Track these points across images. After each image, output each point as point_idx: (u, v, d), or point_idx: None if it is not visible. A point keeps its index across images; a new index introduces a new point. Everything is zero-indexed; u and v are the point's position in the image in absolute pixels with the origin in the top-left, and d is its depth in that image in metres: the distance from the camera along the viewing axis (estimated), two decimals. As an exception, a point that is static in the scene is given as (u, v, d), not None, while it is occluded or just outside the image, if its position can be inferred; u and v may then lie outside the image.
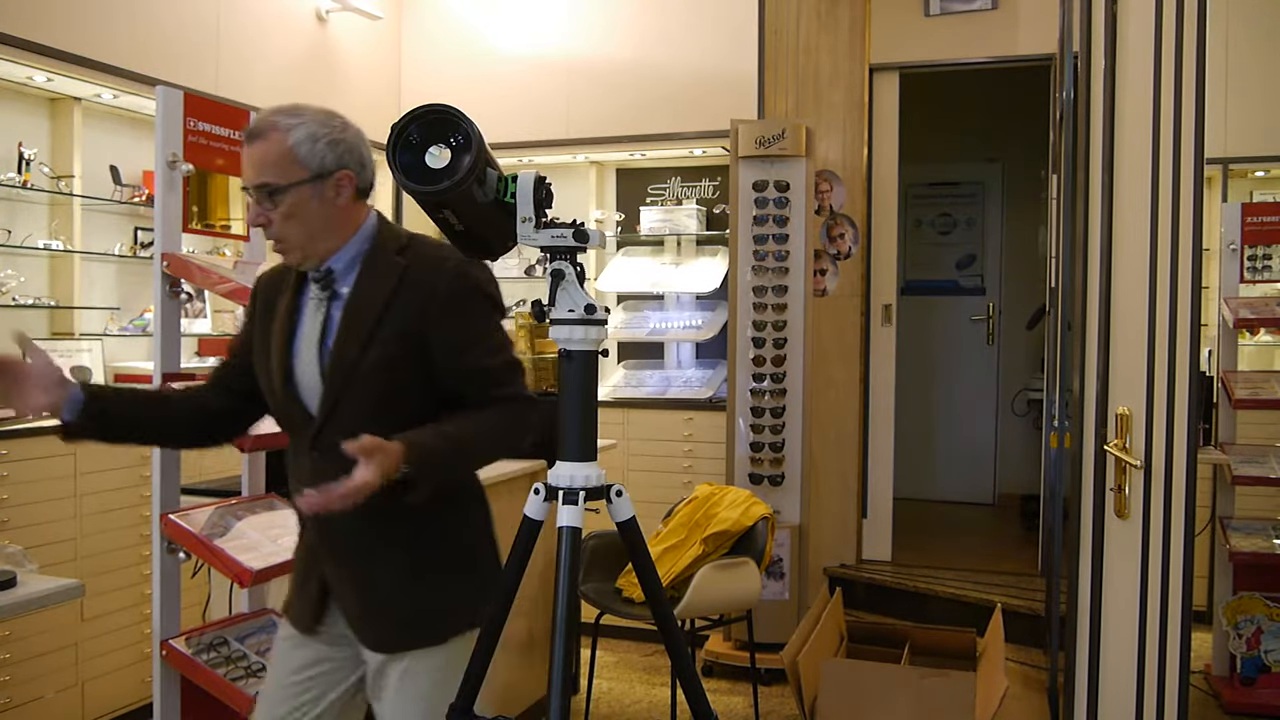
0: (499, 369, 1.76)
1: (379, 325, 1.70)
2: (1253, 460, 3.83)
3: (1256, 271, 4.05)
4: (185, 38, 3.99)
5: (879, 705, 3.01)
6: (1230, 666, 3.81)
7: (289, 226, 1.70)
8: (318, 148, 1.68)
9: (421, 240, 1.82)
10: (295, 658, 1.85)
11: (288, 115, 1.69)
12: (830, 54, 4.62)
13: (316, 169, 1.68)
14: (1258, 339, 4.68)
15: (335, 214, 1.72)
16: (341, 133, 1.72)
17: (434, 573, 1.79)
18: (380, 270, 1.74)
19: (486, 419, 1.72)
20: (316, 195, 1.69)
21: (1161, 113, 1.80)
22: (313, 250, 1.73)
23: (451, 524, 1.82)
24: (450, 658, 1.80)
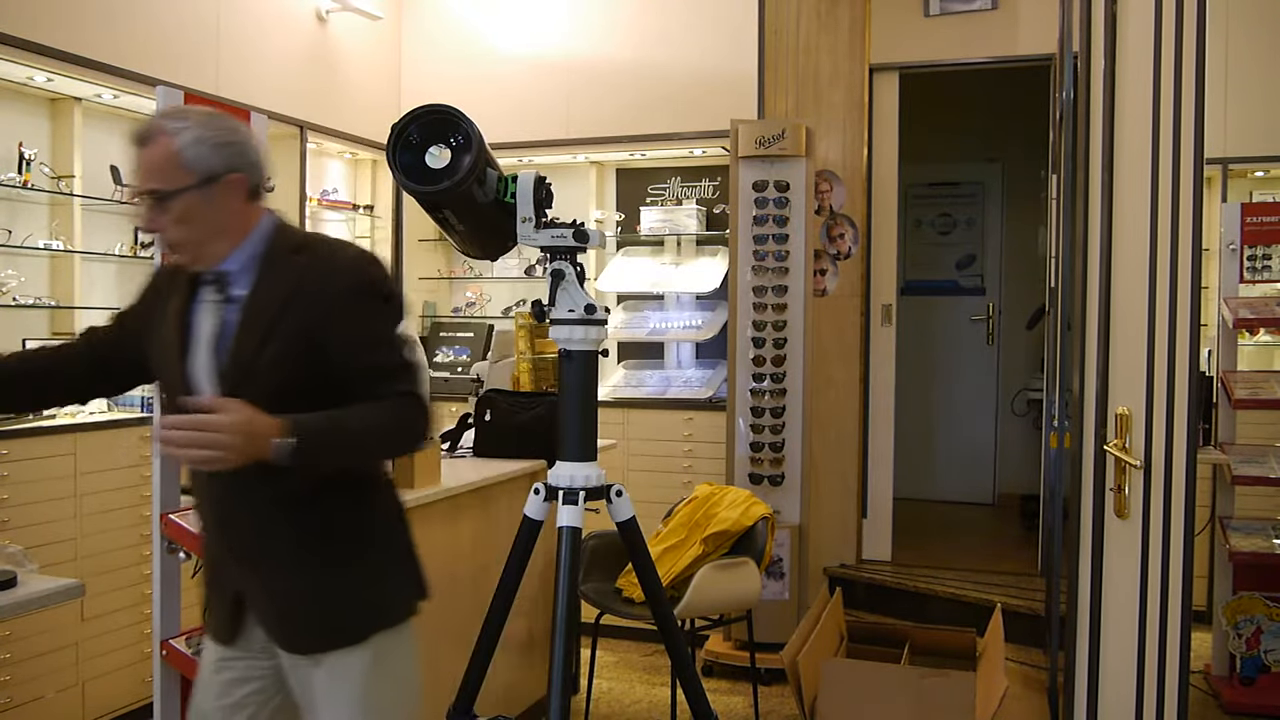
0: (393, 368, 1.73)
1: (275, 325, 1.68)
2: (1252, 460, 3.83)
3: (1256, 271, 4.05)
4: (185, 38, 3.99)
5: (879, 705, 3.01)
6: (1230, 666, 3.81)
7: (180, 231, 1.68)
8: (204, 151, 1.66)
9: (320, 240, 1.81)
10: (222, 681, 1.84)
11: (174, 119, 1.68)
12: (830, 54, 4.62)
13: (205, 173, 1.66)
14: (1257, 339, 4.68)
15: (227, 217, 1.70)
16: (230, 135, 1.70)
17: (345, 571, 1.77)
18: (277, 271, 1.71)
19: (375, 410, 1.69)
20: (206, 199, 1.67)
21: (1161, 113, 1.80)
22: (205, 253, 1.71)
23: (360, 521, 1.80)
24: (377, 655, 1.79)
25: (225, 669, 1.84)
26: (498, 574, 2.28)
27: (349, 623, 1.77)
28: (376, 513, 1.84)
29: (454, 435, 3.56)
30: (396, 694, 1.83)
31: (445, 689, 2.86)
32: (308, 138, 4.61)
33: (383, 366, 1.72)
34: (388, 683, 1.81)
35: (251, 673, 1.83)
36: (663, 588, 2.44)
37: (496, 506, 3.23)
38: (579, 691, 3.74)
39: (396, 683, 1.83)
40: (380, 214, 5.34)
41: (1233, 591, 3.78)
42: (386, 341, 1.74)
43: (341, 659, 1.76)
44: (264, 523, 1.74)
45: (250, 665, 1.82)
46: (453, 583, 3.01)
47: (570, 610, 2.11)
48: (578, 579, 2.24)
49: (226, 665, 1.84)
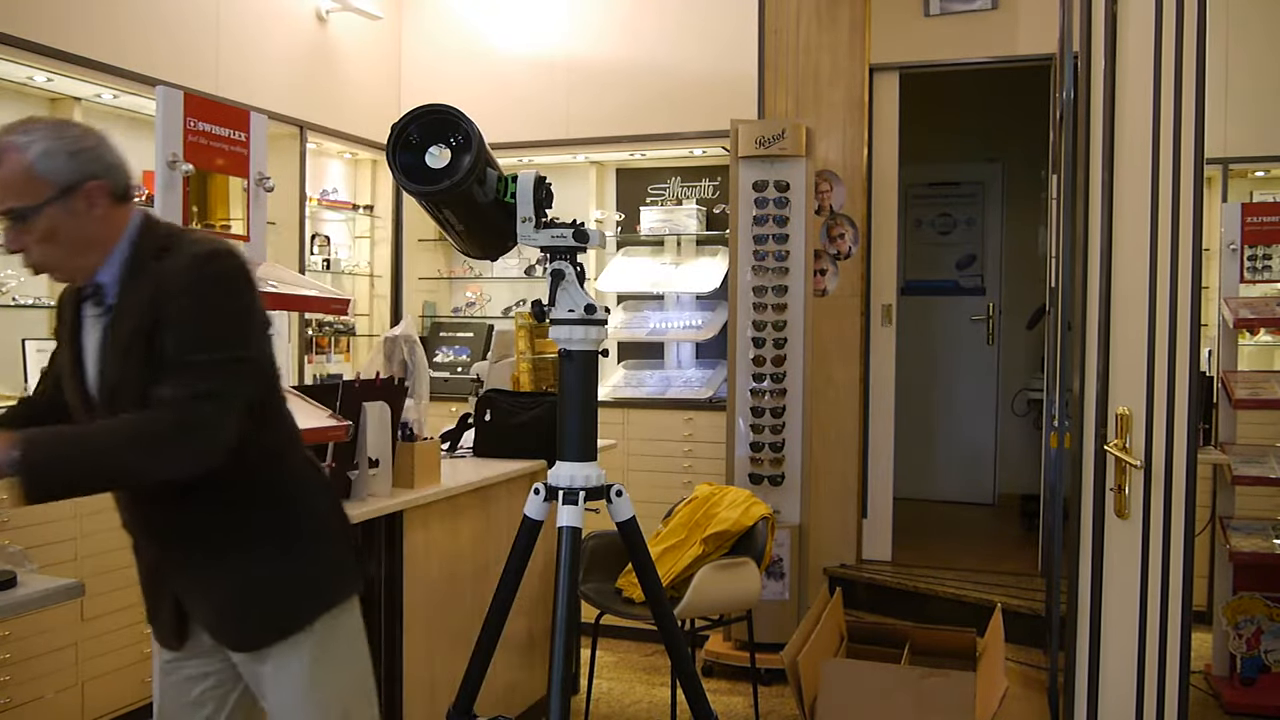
0: (175, 366, 1.60)
1: (139, 332, 1.62)
2: (1253, 460, 3.83)
3: (1256, 271, 4.05)
4: (185, 38, 3.99)
5: (879, 705, 3.01)
6: (1230, 666, 3.81)
7: (46, 250, 1.63)
8: (59, 161, 1.60)
9: (182, 238, 1.71)
10: (178, 679, 1.86)
11: (20, 134, 1.60)
12: (830, 54, 4.62)
13: (62, 183, 1.60)
14: (1258, 339, 4.68)
15: (93, 226, 1.64)
16: (81, 141, 1.64)
17: (270, 562, 1.76)
18: (139, 278, 1.65)
19: (123, 423, 1.59)
20: (68, 211, 1.61)
21: (1161, 113, 1.80)
22: (77, 267, 1.67)
23: (275, 510, 1.77)
24: (323, 639, 1.79)
25: (178, 669, 1.86)
26: (498, 574, 2.28)
27: (284, 613, 1.76)
28: (294, 499, 1.81)
29: (454, 435, 3.56)
30: (345, 675, 1.84)
31: (445, 689, 2.87)
32: (308, 137, 4.61)
33: (168, 365, 1.60)
34: (335, 666, 1.81)
35: (206, 669, 1.84)
36: (663, 588, 2.44)
37: (496, 506, 3.22)
38: (579, 691, 3.74)
39: (344, 664, 1.83)
40: (380, 214, 5.34)
41: (1233, 591, 3.78)
42: (186, 337, 1.61)
43: (285, 650, 1.76)
44: (176, 526, 1.74)
45: (203, 662, 1.84)
46: (453, 583, 3.01)
47: (570, 610, 2.12)
48: (578, 579, 2.24)
49: (178, 666, 1.86)
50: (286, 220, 4.47)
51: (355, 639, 1.88)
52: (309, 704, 1.79)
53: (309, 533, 1.82)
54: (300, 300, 2.83)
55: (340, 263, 5.12)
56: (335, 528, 1.87)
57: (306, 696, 1.79)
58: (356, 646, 1.88)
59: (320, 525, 1.84)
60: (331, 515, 1.88)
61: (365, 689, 1.90)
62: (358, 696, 1.87)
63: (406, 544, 2.76)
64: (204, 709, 1.85)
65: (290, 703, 1.79)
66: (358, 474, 2.62)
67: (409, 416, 2.85)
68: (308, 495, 1.84)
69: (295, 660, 1.77)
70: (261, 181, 2.73)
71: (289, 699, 1.79)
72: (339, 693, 1.83)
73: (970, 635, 3.58)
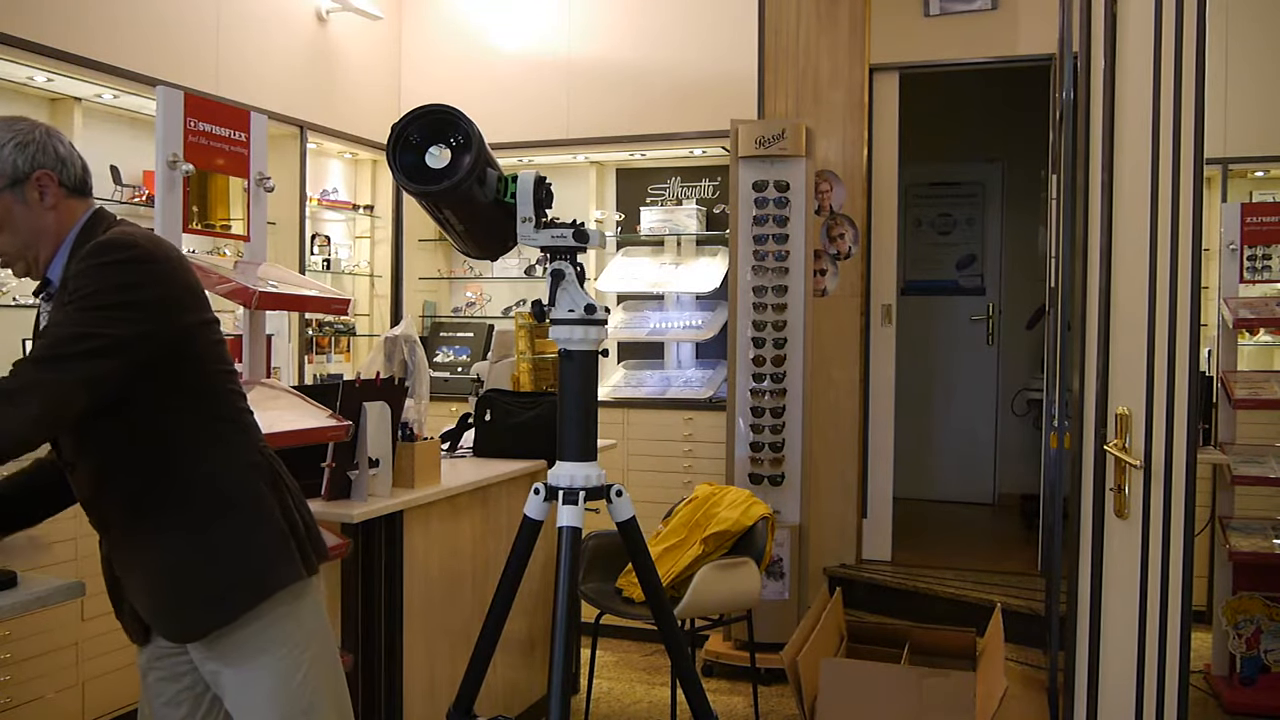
0: (46, 334, 1.61)
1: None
2: (1253, 460, 3.83)
3: (1256, 271, 4.05)
4: (185, 38, 3.99)
5: (879, 705, 3.01)
6: (1230, 666, 3.81)
7: (3, 238, 1.68)
8: (5, 153, 1.66)
9: (116, 231, 1.71)
10: (155, 680, 1.87)
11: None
12: (830, 54, 4.62)
13: (11, 175, 1.66)
14: (1257, 339, 4.68)
15: (44, 217, 1.69)
16: (28, 134, 1.69)
17: (193, 549, 1.74)
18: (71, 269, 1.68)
19: None
20: (19, 201, 1.67)
21: (1161, 113, 1.80)
22: (34, 258, 1.72)
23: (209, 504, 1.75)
24: (270, 623, 1.76)
25: (154, 670, 1.86)
26: (498, 574, 2.28)
27: (214, 599, 1.74)
28: (216, 485, 1.76)
29: (454, 435, 3.56)
30: (304, 668, 1.80)
31: (445, 689, 2.87)
32: (308, 138, 4.61)
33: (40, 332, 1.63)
34: (288, 657, 1.78)
35: (179, 669, 1.84)
36: (663, 588, 2.44)
37: (496, 506, 3.23)
38: (579, 691, 3.74)
39: (300, 655, 1.80)
40: (380, 214, 5.34)
41: (1233, 591, 3.78)
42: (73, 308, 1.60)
43: (238, 640, 1.75)
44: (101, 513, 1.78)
45: (175, 662, 1.84)
46: (453, 583, 3.02)
47: (570, 610, 2.11)
48: (578, 579, 2.24)
49: (155, 666, 1.86)
50: (286, 220, 4.47)
51: (314, 627, 1.83)
52: (270, 696, 1.76)
53: (239, 518, 1.77)
54: (300, 300, 2.84)
55: (340, 263, 5.12)
56: (261, 508, 1.80)
57: (266, 688, 1.76)
58: (317, 635, 1.84)
59: (253, 511, 1.78)
60: (254, 493, 1.80)
61: (332, 681, 1.86)
62: (323, 689, 1.82)
63: (406, 544, 2.76)
64: (180, 709, 1.86)
65: (250, 697, 1.76)
66: (358, 474, 2.62)
67: (409, 416, 2.85)
68: (240, 480, 1.79)
69: (250, 651, 1.76)
70: (261, 181, 2.73)
71: (249, 693, 1.77)
72: (303, 684, 1.79)
73: (970, 635, 3.58)
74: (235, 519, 1.77)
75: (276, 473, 1.87)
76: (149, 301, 1.66)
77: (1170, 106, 1.78)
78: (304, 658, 1.81)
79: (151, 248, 1.69)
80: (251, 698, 1.77)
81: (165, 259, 1.70)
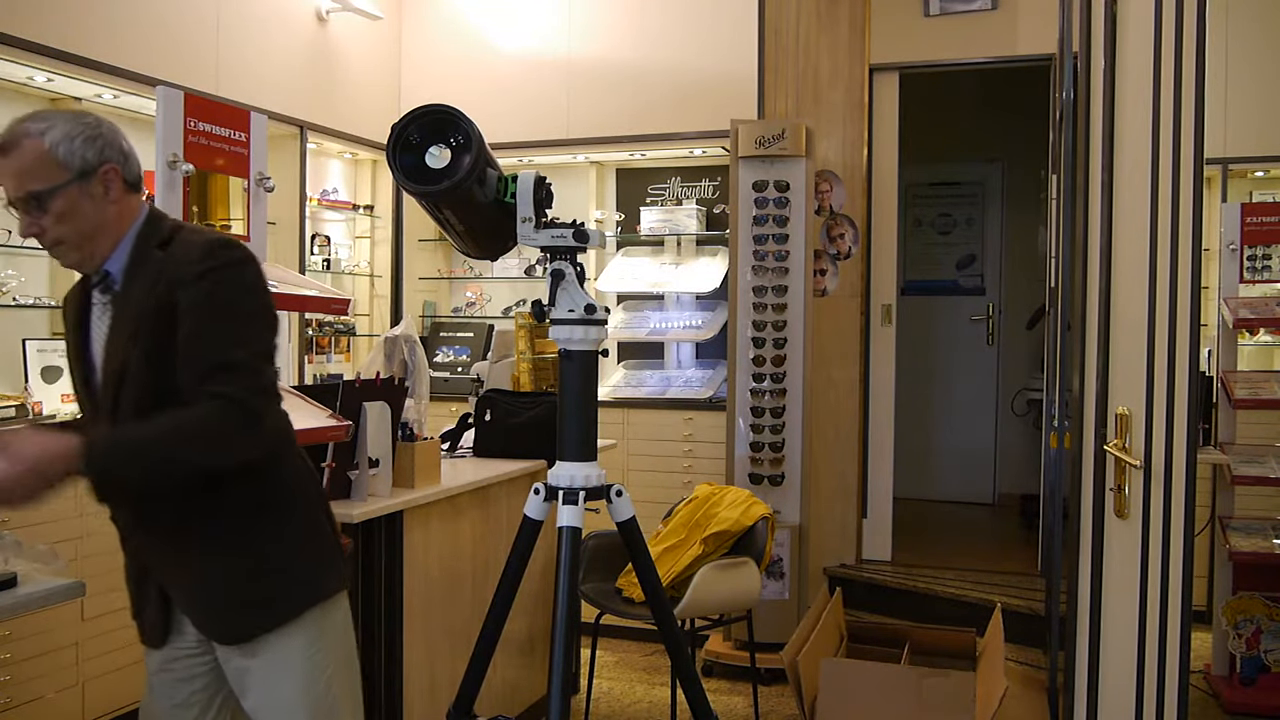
0: (216, 364, 1.64)
1: (142, 322, 1.67)
2: (1253, 460, 3.83)
3: (1256, 271, 4.05)
4: (185, 38, 3.99)
5: (879, 705, 3.01)
6: (1230, 666, 3.81)
7: (63, 228, 1.68)
8: (76, 145, 1.66)
9: (187, 229, 1.77)
10: (167, 680, 1.86)
11: (37, 121, 1.67)
12: (830, 54, 4.62)
13: (79, 167, 1.66)
14: (1257, 339, 4.68)
15: (107, 210, 1.71)
16: (96, 129, 1.70)
17: (262, 559, 1.77)
18: (144, 267, 1.71)
19: (177, 421, 1.62)
20: (85, 194, 1.68)
21: (1161, 113, 1.80)
22: (91, 251, 1.72)
23: (280, 506, 1.79)
24: (313, 632, 1.79)
25: (167, 671, 1.86)
26: (498, 574, 2.28)
27: (274, 602, 1.77)
28: (289, 490, 1.82)
29: (454, 435, 3.56)
30: (334, 672, 1.83)
31: (445, 689, 2.87)
32: (308, 138, 4.61)
33: (206, 358, 1.64)
34: (324, 662, 1.81)
35: (194, 670, 1.84)
36: (663, 588, 2.44)
37: (496, 506, 3.23)
38: (579, 691, 3.74)
39: (333, 661, 1.83)
40: (380, 214, 5.34)
41: (1233, 591, 3.78)
42: (219, 331, 1.66)
43: (275, 643, 1.77)
44: (171, 517, 1.76)
45: (190, 664, 1.84)
46: (453, 583, 3.02)
47: (570, 610, 2.11)
48: (578, 579, 2.24)
49: (168, 668, 1.86)
50: (286, 220, 4.47)
51: (344, 636, 1.88)
52: (299, 699, 1.78)
53: (302, 524, 1.82)
54: (300, 300, 2.84)
55: (340, 263, 5.12)
56: (317, 521, 1.87)
57: (296, 691, 1.78)
58: (345, 644, 1.88)
59: (312, 518, 1.85)
60: (321, 509, 1.88)
61: (352, 688, 1.89)
62: (345, 696, 1.86)
63: (406, 544, 2.76)
64: (191, 710, 1.86)
65: (278, 699, 1.78)
66: (358, 474, 2.62)
67: (409, 416, 2.85)
68: (301, 487, 1.85)
69: (286, 654, 1.77)
70: (261, 181, 2.73)
71: (277, 695, 1.78)
72: (327, 689, 1.82)
73: (970, 635, 3.58)
74: (292, 523, 1.81)
75: (318, 479, 1.92)
76: (270, 302, 1.77)
77: (1170, 106, 1.78)
78: (330, 660, 1.82)
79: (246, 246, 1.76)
80: (279, 697, 1.78)
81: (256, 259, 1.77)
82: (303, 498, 1.84)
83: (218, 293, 1.67)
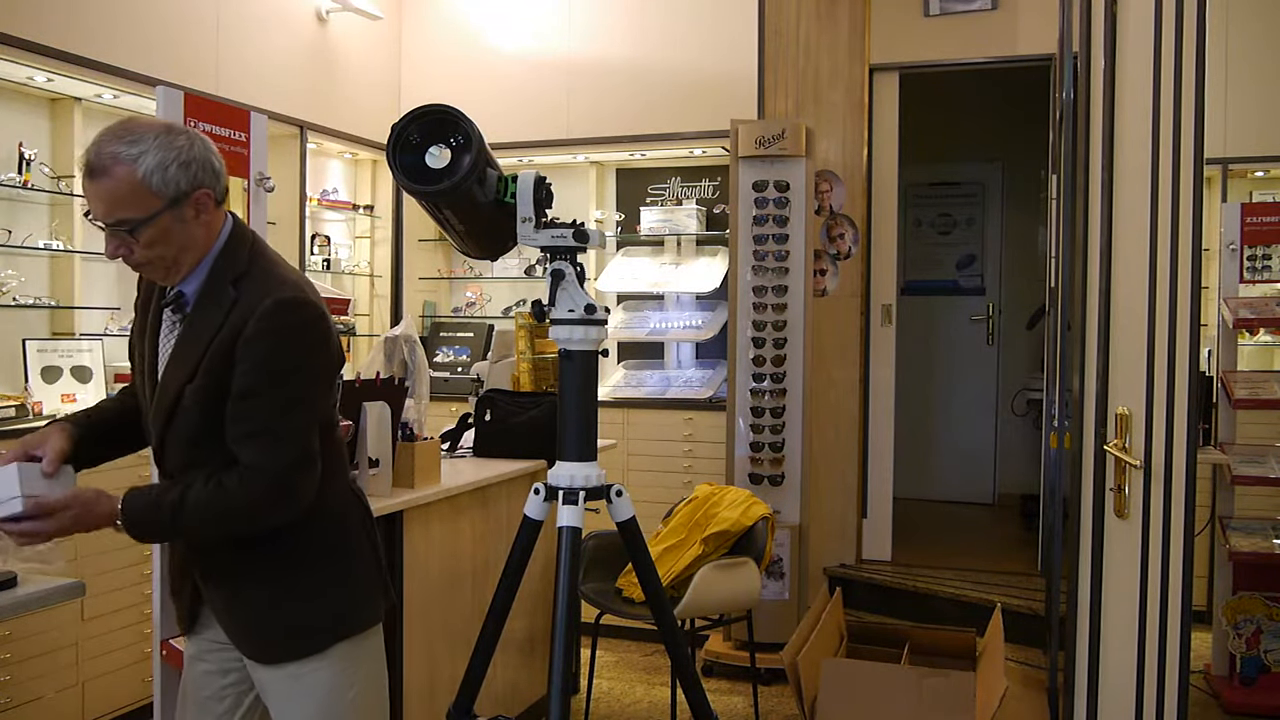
0: (253, 430, 1.64)
1: (201, 360, 1.65)
2: (1253, 460, 3.83)
3: (1256, 271, 4.05)
4: (185, 38, 3.99)
5: (879, 705, 3.01)
6: (1230, 666, 3.81)
7: (153, 252, 1.65)
8: (170, 173, 1.61)
9: (261, 268, 1.72)
10: (201, 671, 1.87)
11: (128, 144, 1.60)
12: (830, 54, 4.62)
13: (173, 195, 1.62)
14: (1257, 339, 4.67)
15: (196, 232, 1.67)
16: (189, 151, 1.64)
17: (301, 589, 1.77)
18: (214, 301, 1.68)
19: (206, 494, 1.63)
20: (177, 219, 1.64)
21: (1161, 113, 1.80)
22: (177, 268, 1.69)
23: (316, 539, 1.78)
24: (340, 663, 1.79)
25: (202, 661, 1.86)
26: (498, 574, 2.28)
27: (308, 637, 1.77)
28: (330, 530, 1.80)
29: (454, 435, 3.56)
30: (359, 700, 1.83)
31: (445, 689, 2.87)
32: (308, 138, 4.61)
33: (250, 420, 1.64)
34: (352, 690, 1.81)
35: (226, 664, 1.84)
36: (663, 588, 2.44)
37: (496, 506, 3.23)
38: (579, 691, 3.74)
39: (361, 689, 1.83)
40: (380, 214, 5.34)
41: (1233, 591, 3.78)
42: (267, 396, 1.64)
43: (303, 667, 1.77)
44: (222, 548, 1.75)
45: (224, 657, 1.84)
46: (453, 583, 3.02)
47: (570, 610, 2.11)
48: (578, 579, 2.24)
49: (202, 658, 1.86)
50: (286, 220, 4.47)
51: (374, 666, 1.87)
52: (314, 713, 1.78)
53: (341, 556, 1.81)
54: (300, 300, 2.83)
55: (340, 263, 5.12)
56: (365, 548, 1.86)
57: (318, 710, 1.78)
58: (375, 668, 1.88)
59: (351, 548, 1.84)
60: (363, 535, 1.87)
61: (379, 708, 1.89)
62: (369, 715, 1.86)
63: (406, 544, 2.76)
64: (222, 703, 1.86)
65: (303, 709, 1.78)
66: (358, 474, 2.62)
67: (409, 416, 2.85)
68: (343, 524, 1.83)
69: (311, 676, 1.77)
70: (261, 181, 2.73)
71: (298, 712, 1.78)
72: (351, 709, 1.81)
73: (970, 635, 3.58)
74: (331, 555, 1.80)
75: (367, 507, 1.91)
76: (335, 364, 1.77)
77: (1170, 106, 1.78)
78: (356, 682, 1.82)
79: (316, 300, 1.72)
80: (305, 703, 1.78)
81: (325, 311, 1.73)
82: (346, 528, 1.83)
83: (273, 357, 1.64)
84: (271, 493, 1.65)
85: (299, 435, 1.67)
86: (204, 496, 1.63)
